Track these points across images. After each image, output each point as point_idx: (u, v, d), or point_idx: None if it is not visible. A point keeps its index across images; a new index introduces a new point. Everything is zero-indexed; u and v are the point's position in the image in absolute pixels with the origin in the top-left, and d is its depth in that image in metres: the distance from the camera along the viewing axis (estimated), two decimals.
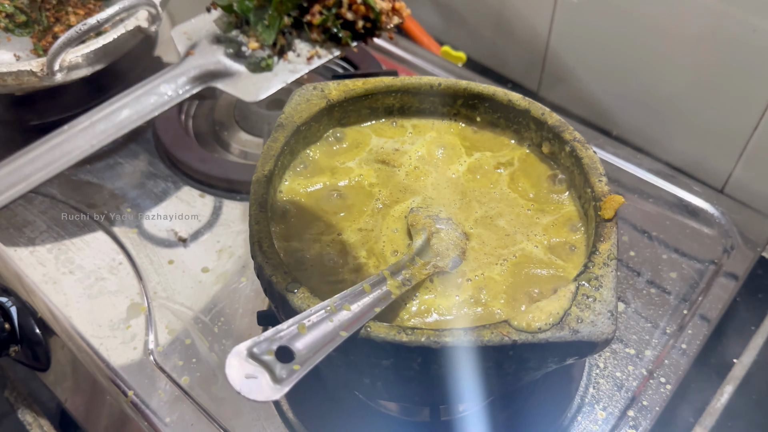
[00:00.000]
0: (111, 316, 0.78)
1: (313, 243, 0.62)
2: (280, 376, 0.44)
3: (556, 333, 0.50)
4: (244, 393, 0.42)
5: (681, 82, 1.00)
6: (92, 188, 0.92)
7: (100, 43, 0.85)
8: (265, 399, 0.43)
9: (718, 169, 1.02)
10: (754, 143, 0.96)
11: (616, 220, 0.57)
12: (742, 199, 1.01)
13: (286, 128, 0.66)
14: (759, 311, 0.89)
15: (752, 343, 0.86)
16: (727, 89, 0.95)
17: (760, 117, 0.94)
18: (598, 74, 1.10)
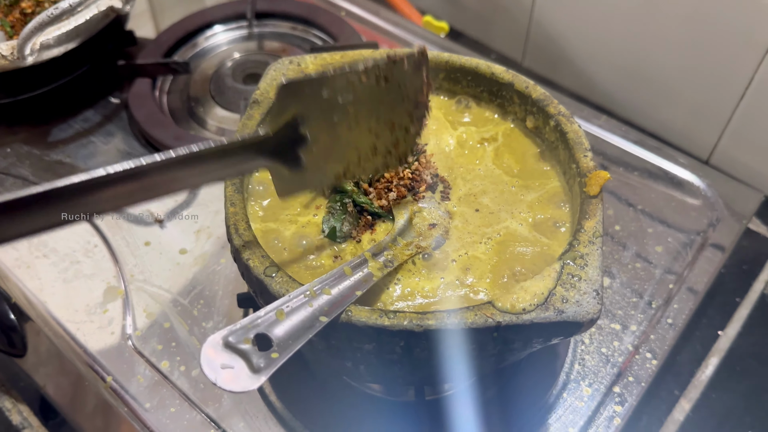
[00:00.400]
0: (87, 301, 0.76)
1: (289, 224, 0.60)
2: (257, 365, 0.43)
3: (541, 314, 0.49)
4: (219, 384, 0.41)
5: (667, 52, 0.98)
6: (65, 168, 0.90)
7: (71, 25, 0.83)
8: (242, 389, 0.41)
9: (703, 141, 1.01)
10: (739, 114, 0.95)
11: (601, 197, 0.56)
12: (727, 170, 1.01)
13: (262, 105, 0.64)
14: (744, 283, 0.89)
15: (737, 315, 0.86)
16: (713, 61, 0.94)
17: (745, 88, 0.92)
18: (583, 44, 1.08)
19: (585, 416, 0.67)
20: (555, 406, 0.68)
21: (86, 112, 0.96)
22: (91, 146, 0.92)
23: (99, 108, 0.97)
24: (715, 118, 0.98)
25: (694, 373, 0.81)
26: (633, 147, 0.91)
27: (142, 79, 0.96)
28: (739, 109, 0.95)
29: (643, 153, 0.90)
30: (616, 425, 0.67)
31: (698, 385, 0.80)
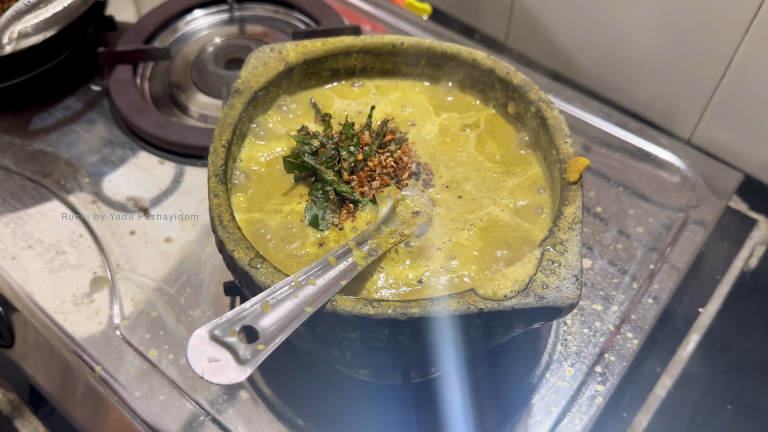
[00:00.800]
0: (74, 291, 0.76)
1: (274, 213, 0.60)
2: (244, 357, 0.44)
3: (522, 300, 0.50)
4: (206, 377, 0.41)
5: (649, 32, 0.98)
6: (47, 158, 0.89)
7: (50, 12, 0.82)
8: (229, 382, 0.42)
9: (685, 120, 1.02)
10: (720, 93, 0.96)
11: (581, 183, 0.56)
12: (708, 149, 1.02)
13: (243, 94, 0.64)
14: (724, 260, 0.90)
15: (717, 292, 0.88)
16: (695, 39, 0.94)
17: (725, 67, 0.93)
18: (566, 25, 1.08)
19: (568, 396, 0.69)
20: (538, 387, 0.69)
21: (67, 100, 0.95)
22: (73, 135, 0.92)
23: (80, 95, 0.96)
24: (697, 98, 0.99)
25: (675, 350, 0.83)
26: (615, 129, 0.92)
27: (123, 66, 0.95)
28: (720, 88, 0.96)
29: (625, 134, 0.91)
30: (598, 404, 0.68)
31: (679, 361, 0.82)
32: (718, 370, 0.82)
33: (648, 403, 0.79)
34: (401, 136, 0.65)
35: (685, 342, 0.84)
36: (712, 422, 0.78)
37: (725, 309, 0.87)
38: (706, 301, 0.87)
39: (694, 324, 0.85)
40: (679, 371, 0.82)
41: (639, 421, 0.77)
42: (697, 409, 0.79)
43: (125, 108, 0.90)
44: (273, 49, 0.67)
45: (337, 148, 0.61)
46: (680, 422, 0.78)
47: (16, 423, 0.86)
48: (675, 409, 0.79)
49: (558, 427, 0.67)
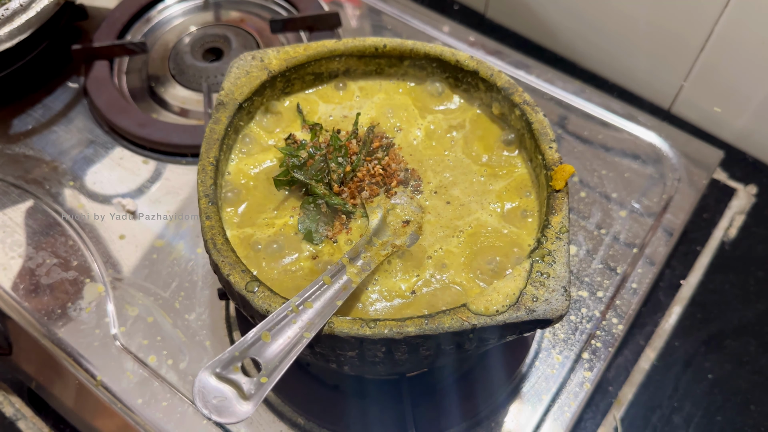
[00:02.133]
0: (68, 300, 0.77)
1: (266, 228, 0.61)
2: (248, 392, 0.45)
3: (513, 314, 0.51)
4: (215, 418, 0.43)
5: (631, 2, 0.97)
6: (30, 162, 0.88)
7: (23, 19, 0.80)
8: (237, 419, 0.44)
9: (666, 89, 1.03)
10: (701, 63, 0.96)
11: (566, 190, 0.58)
12: (688, 118, 1.03)
13: (228, 107, 0.64)
14: (704, 232, 0.93)
15: (698, 263, 0.91)
16: (676, 9, 0.94)
17: (707, 37, 0.93)
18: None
19: (557, 383, 0.72)
20: (528, 375, 0.72)
21: (45, 100, 0.94)
22: (53, 136, 0.90)
23: (58, 94, 0.94)
24: (678, 67, 0.99)
25: (658, 323, 0.86)
26: (597, 109, 0.92)
27: (100, 62, 0.93)
28: (701, 58, 0.96)
29: (607, 115, 0.92)
30: (586, 390, 0.71)
31: (662, 334, 0.85)
32: (699, 341, 0.86)
33: (633, 376, 0.82)
34: (388, 142, 0.65)
35: (667, 314, 0.87)
36: (694, 392, 0.82)
37: (706, 281, 0.89)
38: (687, 273, 0.89)
39: (676, 296, 0.88)
40: (662, 344, 0.85)
41: (624, 393, 0.80)
42: (679, 380, 0.83)
43: (105, 107, 0.89)
44: (254, 56, 0.66)
45: (325, 160, 0.61)
46: (663, 393, 0.82)
47: (19, 425, 0.87)
48: (658, 381, 0.82)
49: (548, 414, 0.70)
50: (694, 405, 0.81)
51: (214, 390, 0.44)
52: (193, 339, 0.74)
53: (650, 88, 1.05)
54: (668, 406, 0.81)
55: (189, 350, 0.73)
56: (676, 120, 1.04)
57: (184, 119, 0.92)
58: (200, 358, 0.73)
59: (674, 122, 1.00)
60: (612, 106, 0.92)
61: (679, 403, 0.81)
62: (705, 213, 0.94)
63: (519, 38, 1.13)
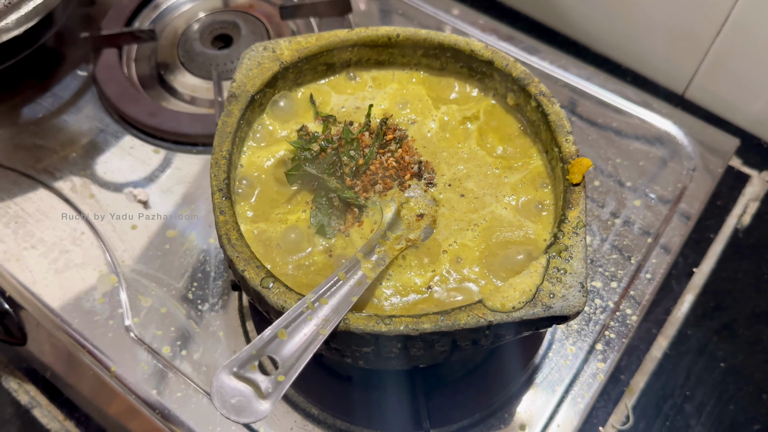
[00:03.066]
0: (81, 291, 0.77)
1: (279, 223, 0.61)
2: (266, 390, 0.45)
3: (530, 310, 0.51)
4: (233, 418, 0.43)
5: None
6: (40, 151, 0.88)
7: (30, 6, 0.79)
8: (256, 419, 0.44)
9: (680, 73, 1.01)
10: (717, 48, 0.95)
11: (584, 184, 0.57)
12: (702, 104, 1.01)
13: (240, 99, 0.63)
14: (718, 219, 0.92)
15: (711, 251, 0.90)
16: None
17: (723, 22, 0.92)
18: None
19: (570, 375, 0.71)
20: (541, 366, 0.72)
21: (54, 88, 0.93)
22: (63, 125, 0.90)
23: (67, 83, 0.94)
24: (693, 52, 0.98)
25: (670, 311, 0.85)
26: (611, 96, 0.91)
27: (108, 50, 0.92)
28: (716, 43, 0.95)
29: (621, 102, 0.90)
30: (599, 382, 0.71)
31: (674, 322, 0.85)
32: (711, 330, 0.85)
33: (644, 365, 0.82)
34: (401, 134, 0.64)
35: (679, 303, 0.86)
36: (706, 381, 0.82)
37: (718, 268, 0.89)
38: (700, 261, 0.89)
39: (689, 284, 0.87)
40: (674, 332, 0.85)
41: (636, 382, 0.81)
42: (691, 369, 0.83)
43: (114, 96, 0.88)
44: (266, 47, 0.66)
45: (337, 153, 0.61)
46: (675, 382, 0.82)
47: (35, 413, 0.88)
48: (670, 369, 0.82)
49: (561, 405, 0.70)
50: (706, 394, 0.81)
51: (233, 389, 0.44)
52: (207, 330, 0.74)
53: (664, 73, 1.04)
54: (680, 395, 0.81)
55: (203, 341, 0.74)
56: (689, 105, 1.02)
57: (194, 107, 0.92)
58: (214, 348, 0.73)
59: (688, 108, 0.99)
60: (626, 92, 0.91)
61: (691, 392, 0.81)
62: (718, 200, 0.93)
63: (531, 21, 1.12)
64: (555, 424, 0.69)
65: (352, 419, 0.70)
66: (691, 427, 0.80)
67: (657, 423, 0.79)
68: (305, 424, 0.70)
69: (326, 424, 0.69)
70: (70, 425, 0.87)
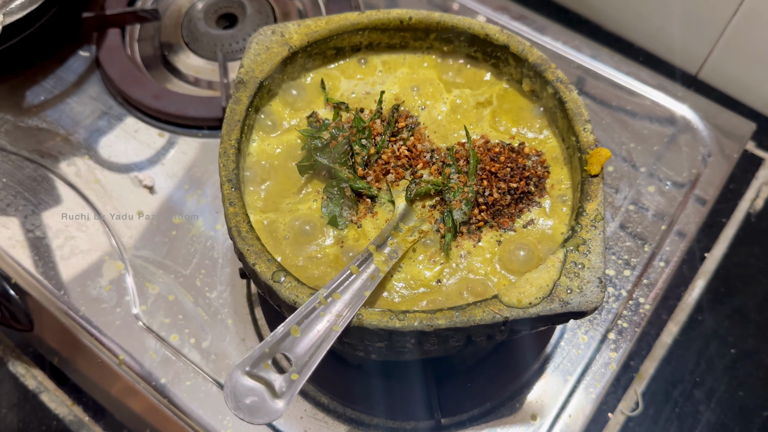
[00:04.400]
0: (88, 278, 0.76)
1: (289, 213, 0.59)
2: (280, 389, 0.45)
3: (547, 306, 0.50)
4: (247, 420, 0.42)
5: None
6: (44, 135, 0.86)
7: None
8: (270, 419, 0.43)
9: (694, 53, 0.99)
10: (732, 28, 0.92)
11: (602, 175, 0.56)
12: (716, 85, 0.99)
13: (248, 85, 0.61)
14: (730, 203, 0.91)
15: (723, 235, 0.89)
16: None
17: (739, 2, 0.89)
18: None
19: (582, 364, 0.71)
20: (553, 355, 0.71)
21: (57, 70, 0.91)
22: (67, 108, 0.88)
23: (70, 64, 0.92)
24: (709, 29, 0.95)
25: (681, 297, 0.84)
26: (626, 78, 0.89)
27: (111, 30, 0.90)
28: (735, 19, 0.92)
29: (636, 85, 0.89)
30: (611, 371, 0.71)
31: (685, 308, 0.84)
32: (722, 315, 0.84)
33: (654, 351, 0.81)
34: (413, 122, 0.63)
35: (690, 288, 0.85)
36: (716, 367, 0.81)
37: (731, 253, 0.88)
38: (712, 246, 0.88)
39: (700, 269, 0.86)
40: (684, 318, 0.84)
41: (646, 368, 0.80)
42: (701, 355, 0.82)
43: (118, 78, 0.86)
44: (274, 31, 0.64)
45: (349, 142, 0.59)
46: (685, 368, 0.81)
47: (42, 397, 0.88)
48: (680, 355, 0.82)
49: (573, 395, 0.69)
50: (716, 380, 0.80)
51: (246, 389, 0.43)
52: (215, 317, 0.74)
53: (677, 53, 1.02)
54: (690, 381, 0.80)
55: (211, 329, 0.73)
56: (703, 86, 1.00)
57: (198, 89, 0.90)
58: (223, 336, 0.73)
59: (701, 89, 0.97)
60: (641, 74, 0.89)
61: (701, 378, 0.80)
62: (731, 183, 0.92)
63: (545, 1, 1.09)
64: (567, 413, 0.68)
65: (363, 408, 0.69)
66: (701, 413, 0.80)
67: (666, 409, 0.79)
68: (315, 413, 0.69)
69: (336, 413, 0.69)
70: (78, 410, 0.87)
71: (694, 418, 0.79)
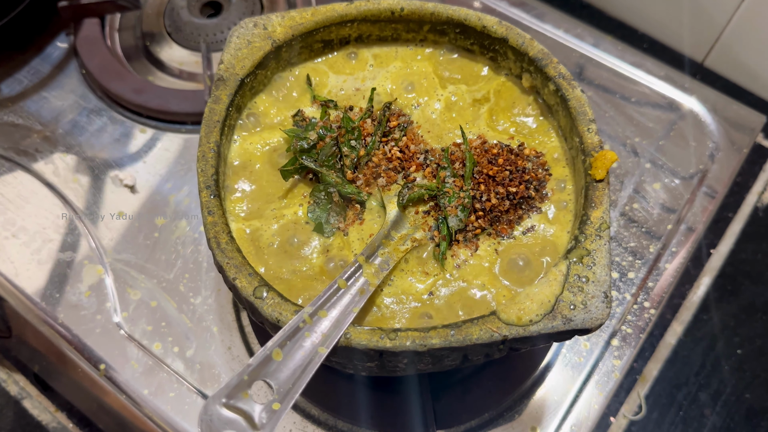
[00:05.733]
0: (66, 283, 0.73)
1: (274, 220, 0.56)
2: (260, 421, 0.41)
3: (549, 324, 0.47)
4: None
5: None
6: (20, 131, 0.82)
7: None
8: None
9: (699, 42, 0.95)
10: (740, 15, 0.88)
11: (608, 180, 0.52)
12: (722, 72, 0.95)
13: (228, 83, 0.57)
14: (737, 197, 0.87)
15: (729, 231, 0.85)
16: None
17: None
18: None
19: (584, 372, 0.68)
20: (554, 363, 0.68)
21: (33, 61, 0.87)
22: (43, 102, 0.84)
23: (46, 55, 0.87)
24: (716, 14, 0.91)
25: (685, 295, 0.81)
26: (630, 68, 0.85)
27: (89, 20, 0.86)
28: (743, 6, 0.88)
29: (641, 75, 0.84)
30: (615, 380, 0.68)
31: (690, 307, 0.81)
32: (728, 315, 0.81)
33: (658, 352, 0.78)
34: (405, 120, 0.59)
35: (695, 286, 0.82)
36: (722, 368, 0.78)
37: (737, 249, 0.84)
38: (718, 242, 0.84)
39: (705, 267, 0.83)
40: (689, 317, 0.81)
41: (649, 370, 0.77)
42: (706, 356, 0.79)
43: (97, 71, 0.82)
44: (256, 24, 0.59)
45: (337, 143, 0.56)
46: (690, 370, 0.78)
47: (25, 404, 0.85)
48: (685, 356, 0.79)
49: (574, 406, 0.66)
50: (722, 382, 0.77)
51: (223, 422, 0.40)
52: (200, 324, 0.70)
53: (683, 40, 0.97)
54: (695, 383, 0.77)
55: (196, 337, 0.70)
56: (709, 74, 0.96)
57: (182, 82, 0.86)
58: (208, 345, 0.69)
59: (707, 76, 0.93)
60: (646, 65, 0.85)
61: (706, 380, 0.77)
62: (738, 176, 0.88)
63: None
64: (568, 424, 0.66)
65: (355, 420, 0.66)
66: (706, 417, 0.77)
67: (670, 412, 0.76)
68: (305, 425, 0.66)
69: (327, 425, 0.66)
70: (62, 417, 0.84)
71: (699, 421, 0.76)
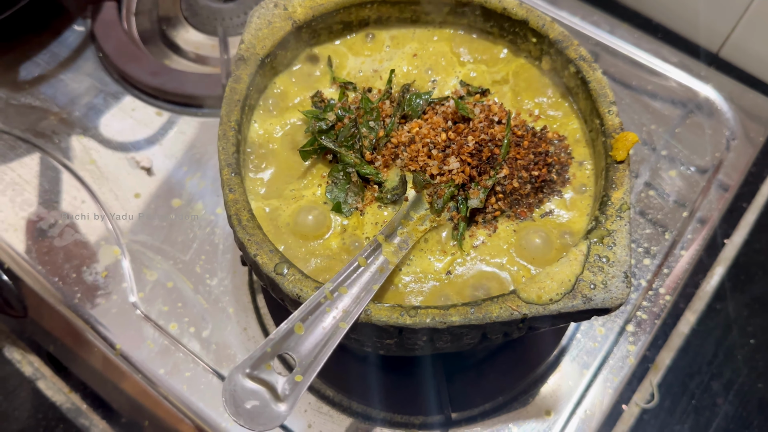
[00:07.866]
0: (83, 263, 0.73)
1: (293, 200, 0.56)
2: (283, 392, 0.41)
3: (569, 303, 0.47)
4: (248, 426, 0.39)
5: None
6: (37, 113, 0.82)
7: None
8: (273, 426, 0.40)
9: (714, 32, 0.95)
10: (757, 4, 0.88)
11: (629, 161, 0.52)
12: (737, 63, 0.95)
13: (249, 63, 0.57)
14: (752, 187, 0.87)
15: (743, 221, 0.85)
16: None
17: None
18: None
19: (599, 357, 0.68)
20: (569, 348, 0.68)
21: (51, 45, 0.87)
22: (61, 85, 0.84)
23: (64, 38, 0.88)
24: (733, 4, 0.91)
25: (699, 285, 0.81)
26: (646, 56, 0.85)
27: (107, 3, 0.86)
28: None
29: (658, 63, 0.84)
30: (629, 365, 0.68)
31: (703, 296, 0.80)
32: (741, 304, 0.81)
33: (671, 341, 0.78)
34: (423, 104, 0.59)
35: (709, 275, 0.82)
36: (734, 358, 0.78)
37: (751, 239, 0.84)
38: (732, 232, 0.84)
39: (719, 256, 0.83)
40: (702, 306, 0.80)
41: (662, 358, 0.77)
42: (719, 345, 0.79)
43: (114, 54, 0.82)
44: (277, 4, 0.60)
45: (356, 124, 0.56)
46: (702, 359, 0.78)
47: (39, 384, 0.85)
48: (698, 345, 0.79)
49: (589, 390, 0.66)
50: (734, 371, 0.77)
51: (247, 392, 0.40)
52: (216, 305, 0.71)
53: (698, 30, 0.97)
54: (707, 372, 0.77)
55: (211, 317, 0.70)
56: (724, 64, 0.96)
57: (198, 66, 0.86)
58: (224, 326, 0.70)
59: (722, 66, 0.93)
60: (662, 53, 0.85)
61: (719, 369, 0.77)
62: (753, 166, 0.88)
63: None
64: (582, 409, 0.66)
65: (369, 401, 0.66)
66: (719, 406, 0.77)
67: (683, 401, 0.76)
68: (320, 406, 0.66)
69: (341, 406, 0.66)
70: (76, 398, 0.84)
71: (711, 410, 0.76)
